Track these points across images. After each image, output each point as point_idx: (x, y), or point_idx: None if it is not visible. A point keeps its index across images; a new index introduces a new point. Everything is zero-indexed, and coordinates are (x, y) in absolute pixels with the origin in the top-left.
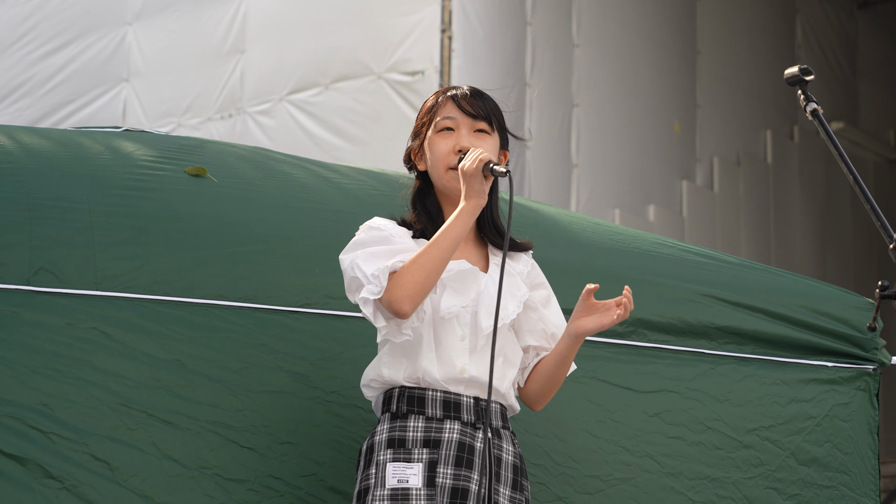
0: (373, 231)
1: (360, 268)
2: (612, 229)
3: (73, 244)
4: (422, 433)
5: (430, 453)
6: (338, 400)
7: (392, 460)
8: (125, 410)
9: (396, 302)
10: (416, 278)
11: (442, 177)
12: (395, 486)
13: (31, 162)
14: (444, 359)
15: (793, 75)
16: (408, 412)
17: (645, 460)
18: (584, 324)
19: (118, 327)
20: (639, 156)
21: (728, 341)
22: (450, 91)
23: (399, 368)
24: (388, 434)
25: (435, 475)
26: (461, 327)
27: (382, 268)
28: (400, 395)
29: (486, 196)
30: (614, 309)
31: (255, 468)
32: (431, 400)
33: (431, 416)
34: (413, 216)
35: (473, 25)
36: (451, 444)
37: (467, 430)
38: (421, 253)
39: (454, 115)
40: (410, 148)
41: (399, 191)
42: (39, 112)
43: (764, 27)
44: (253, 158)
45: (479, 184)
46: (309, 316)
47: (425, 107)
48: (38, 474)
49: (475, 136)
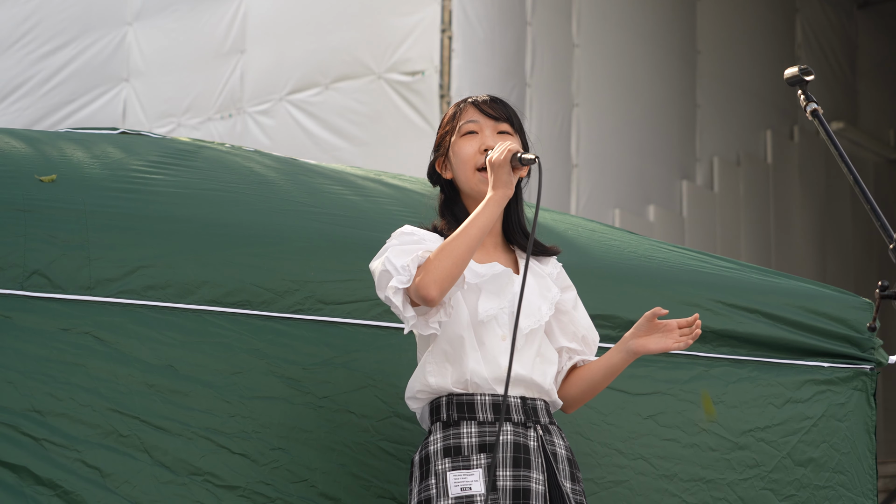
0: (404, 236)
1: (390, 261)
2: (607, 234)
3: (67, 248)
4: (476, 438)
5: (487, 458)
6: (330, 406)
7: (452, 469)
8: (117, 416)
9: (424, 287)
10: (444, 265)
11: (470, 179)
12: (458, 494)
13: (27, 166)
14: (489, 359)
15: (793, 75)
16: (459, 419)
17: (639, 463)
18: (647, 343)
19: (111, 332)
20: (639, 156)
21: (723, 344)
22: (469, 98)
23: (445, 375)
24: (443, 443)
25: (496, 479)
26: (500, 328)
27: (412, 258)
28: (448, 403)
29: (514, 187)
30: (676, 331)
31: (246, 474)
32: (481, 404)
33: (483, 421)
34: (443, 224)
35: (473, 25)
36: (506, 447)
37: (519, 430)
38: (448, 240)
39: (477, 119)
40: (434, 160)
41: (395, 192)
42: (39, 112)
43: (764, 27)
44: (247, 161)
45: (506, 174)
46: (302, 322)
47: (446, 118)
48: (29, 481)
49: (499, 138)
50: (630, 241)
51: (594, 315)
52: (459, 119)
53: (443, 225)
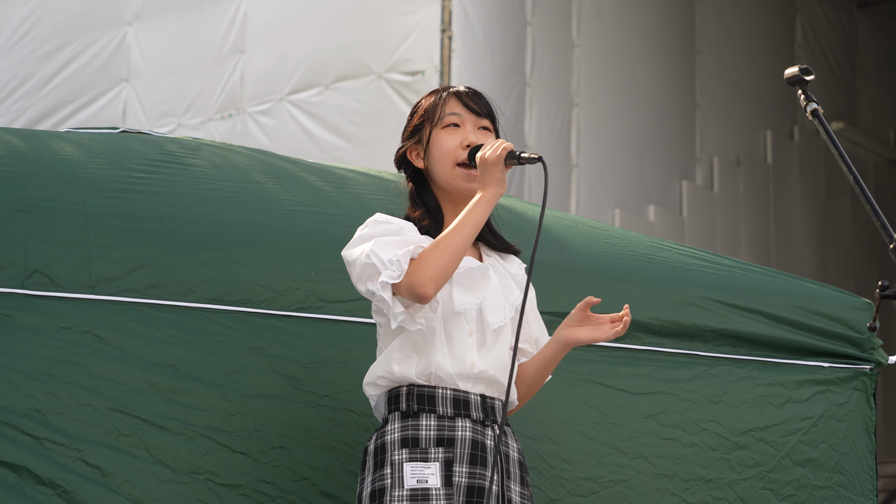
0: (379, 224)
1: (375, 254)
2: (606, 232)
3: (67, 248)
4: (435, 431)
5: (445, 452)
6: (331, 404)
7: (409, 460)
8: (118, 415)
9: (420, 285)
10: (439, 262)
11: (448, 173)
12: (414, 486)
13: (27, 165)
14: (455, 354)
15: (793, 75)
16: (419, 410)
17: (639, 462)
18: (576, 333)
19: (112, 331)
20: (639, 156)
21: (723, 343)
22: (450, 89)
23: (411, 365)
24: (401, 433)
25: (451, 474)
26: (468, 323)
27: (402, 253)
28: (409, 394)
29: (505, 185)
30: (608, 324)
31: (247, 473)
32: (442, 398)
33: (443, 415)
34: (418, 213)
35: (473, 25)
36: (464, 443)
37: (478, 427)
38: (442, 238)
39: (459, 112)
40: (405, 146)
41: (393, 192)
42: (39, 112)
43: (764, 27)
44: (248, 161)
45: (500, 172)
46: (302, 320)
47: (424, 105)
48: (30, 481)
49: (480, 133)
50: (630, 241)
51: None
52: (441, 110)
53: (416, 214)
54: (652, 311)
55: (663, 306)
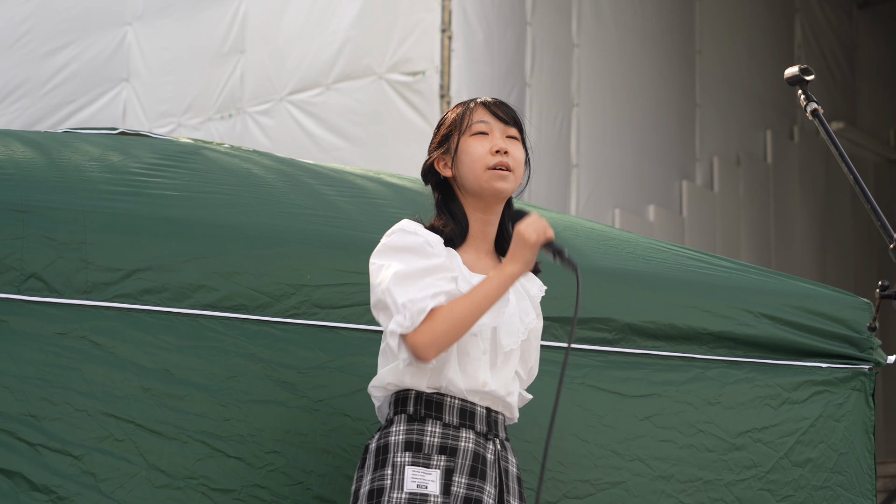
0: (406, 236)
1: (391, 293)
2: (606, 234)
3: (64, 251)
4: (439, 439)
5: (447, 461)
6: (325, 409)
7: (411, 463)
8: (112, 421)
9: (423, 349)
10: (448, 329)
11: (479, 176)
12: (413, 490)
13: (25, 168)
14: (468, 370)
15: (793, 75)
16: (425, 416)
17: (636, 464)
18: None
19: (107, 337)
20: (639, 156)
21: (720, 346)
22: (478, 99)
23: (422, 377)
24: (406, 436)
25: (451, 483)
26: (483, 342)
27: (417, 300)
28: (417, 398)
29: (533, 265)
30: None
31: (242, 478)
32: (449, 406)
33: (448, 423)
34: (441, 222)
35: (473, 26)
36: (466, 454)
37: (480, 440)
38: (457, 304)
39: (487, 120)
40: (433, 157)
41: (393, 192)
42: (39, 112)
43: (763, 27)
44: (245, 163)
45: (532, 254)
46: (297, 326)
47: (451, 117)
48: (24, 487)
49: (508, 142)
50: (628, 242)
51: (591, 318)
52: (469, 118)
53: (440, 223)
54: (649, 314)
55: (660, 309)
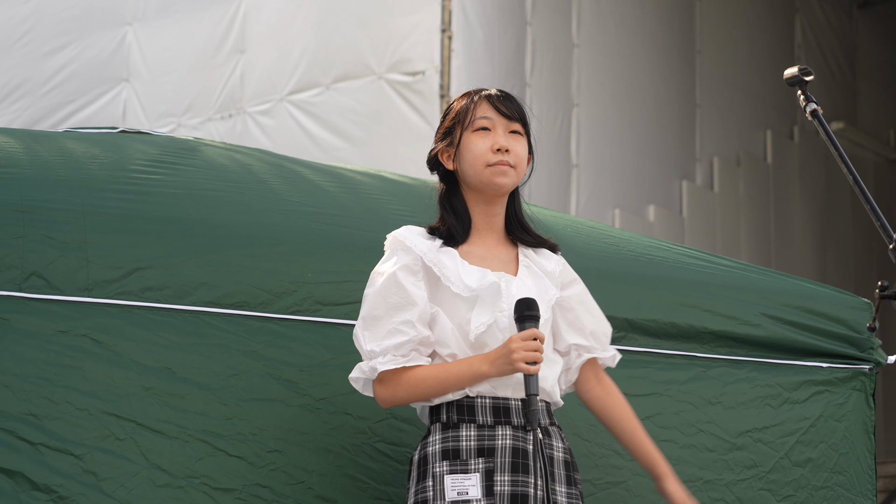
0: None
1: (359, 337)
2: (605, 233)
3: (65, 249)
4: (475, 442)
5: (485, 462)
6: (327, 408)
7: (449, 472)
8: (114, 420)
9: (381, 401)
10: (408, 398)
11: (480, 173)
12: (454, 498)
13: (25, 167)
14: None
15: (792, 75)
16: (458, 421)
17: (636, 464)
18: None
19: (109, 335)
20: (639, 156)
21: (721, 345)
22: (483, 91)
23: None
24: (442, 445)
25: (493, 484)
26: (501, 332)
27: (376, 352)
28: (449, 405)
29: (509, 376)
30: None
31: (243, 477)
32: (481, 407)
33: (483, 424)
34: (439, 219)
35: (473, 26)
36: (505, 451)
37: (519, 433)
38: (425, 381)
39: (490, 116)
40: (437, 148)
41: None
42: (39, 112)
43: (763, 27)
44: (248, 160)
45: (510, 371)
46: (299, 323)
47: (455, 108)
48: (25, 486)
49: (511, 137)
50: (628, 241)
51: None
52: (473, 113)
53: (438, 221)
54: (650, 312)
55: (661, 308)
